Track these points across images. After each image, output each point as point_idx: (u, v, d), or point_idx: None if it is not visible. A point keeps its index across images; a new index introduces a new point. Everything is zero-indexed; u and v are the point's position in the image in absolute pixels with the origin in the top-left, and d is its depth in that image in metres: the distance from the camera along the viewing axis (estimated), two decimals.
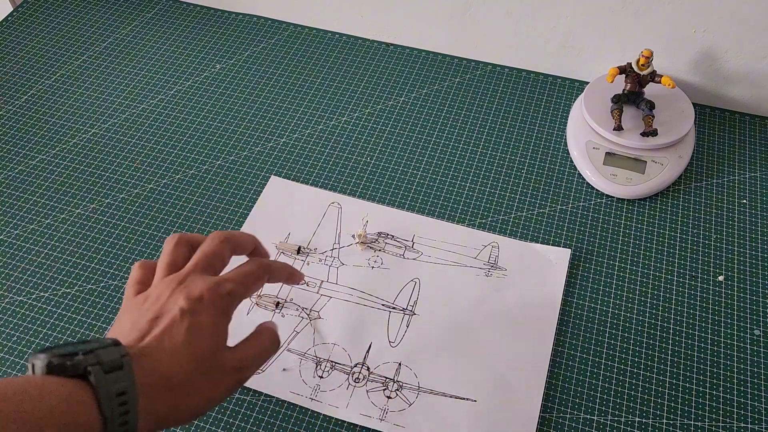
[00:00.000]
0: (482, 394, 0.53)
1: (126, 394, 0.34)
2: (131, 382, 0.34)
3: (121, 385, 0.34)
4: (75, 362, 0.33)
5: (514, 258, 0.62)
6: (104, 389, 0.33)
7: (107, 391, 0.33)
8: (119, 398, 0.34)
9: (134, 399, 0.34)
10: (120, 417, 0.34)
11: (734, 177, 0.68)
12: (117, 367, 0.34)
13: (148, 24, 0.86)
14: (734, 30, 0.67)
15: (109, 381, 0.34)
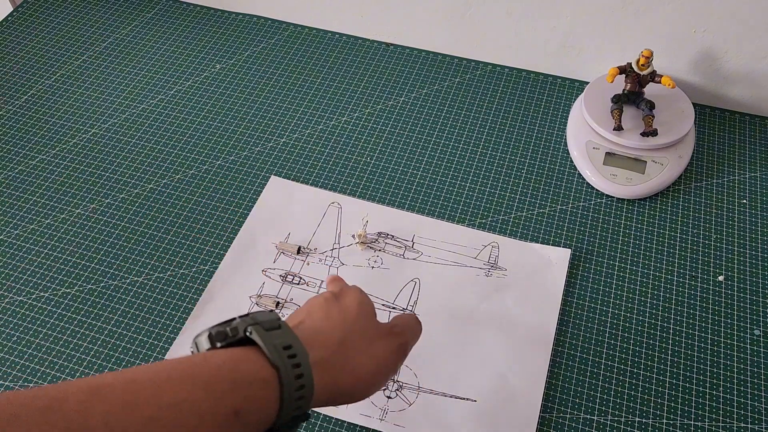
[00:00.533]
0: (482, 394, 0.53)
1: (292, 347, 0.33)
2: (294, 337, 0.34)
3: (284, 340, 0.33)
4: (233, 326, 0.33)
5: (514, 258, 0.62)
6: (268, 342, 0.33)
7: (272, 345, 0.33)
8: (286, 351, 0.33)
9: (303, 353, 0.34)
10: (293, 369, 0.33)
11: (734, 177, 0.68)
12: (275, 327, 0.34)
13: (148, 24, 0.86)
14: (734, 30, 0.67)
15: (272, 336, 0.33)
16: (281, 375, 0.32)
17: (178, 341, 0.57)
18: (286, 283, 0.60)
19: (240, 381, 0.31)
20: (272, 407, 0.32)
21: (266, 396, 0.32)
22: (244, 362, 0.32)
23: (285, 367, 0.32)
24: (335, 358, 0.36)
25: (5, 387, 0.55)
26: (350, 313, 0.40)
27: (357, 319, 0.39)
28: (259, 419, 0.32)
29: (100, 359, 0.57)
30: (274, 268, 0.61)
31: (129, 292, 0.61)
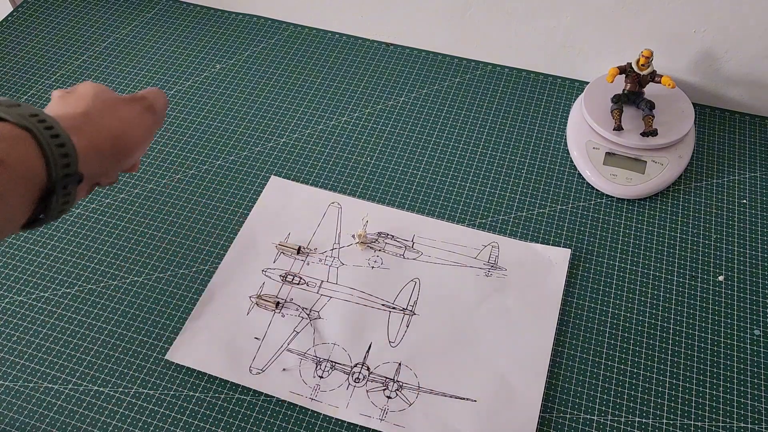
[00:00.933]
0: (482, 394, 0.53)
1: (38, 116, 0.34)
2: (38, 109, 0.35)
3: (28, 110, 0.34)
4: None
5: (514, 258, 0.62)
6: (13, 114, 0.33)
7: (17, 114, 0.33)
8: (34, 118, 0.34)
9: (51, 118, 0.35)
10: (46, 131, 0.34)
11: (734, 177, 0.68)
12: (15, 104, 0.34)
13: (148, 24, 0.86)
14: (734, 30, 0.67)
15: (16, 109, 0.34)
16: (34, 133, 0.33)
17: (178, 341, 0.57)
18: (286, 283, 0.60)
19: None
20: (37, 161, 0.33)
21: (26, 149, 0.33)
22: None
23: (36, 128, 0.33)
24: (84, 124, 0.38)
25: (5, 387, 0.55)
26: (87, 95, 0.41)
27: (95, 97, 0.41)
28: (27, 170, 0.33)
29: (100, 359, 0.57)
30: (274, 268, 0.61)
31: (129, 292, 0.61)
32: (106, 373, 0.56)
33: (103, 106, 0.42)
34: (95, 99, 0.42)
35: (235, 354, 0.56)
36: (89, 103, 0.41)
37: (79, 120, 0.39)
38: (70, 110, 0.40)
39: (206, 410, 0.53)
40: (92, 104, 0.41)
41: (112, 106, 0.42)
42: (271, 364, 0.55)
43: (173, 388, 0.55)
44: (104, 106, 0.42)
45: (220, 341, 0.57)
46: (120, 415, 0.53)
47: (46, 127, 0.34)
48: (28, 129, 0.33)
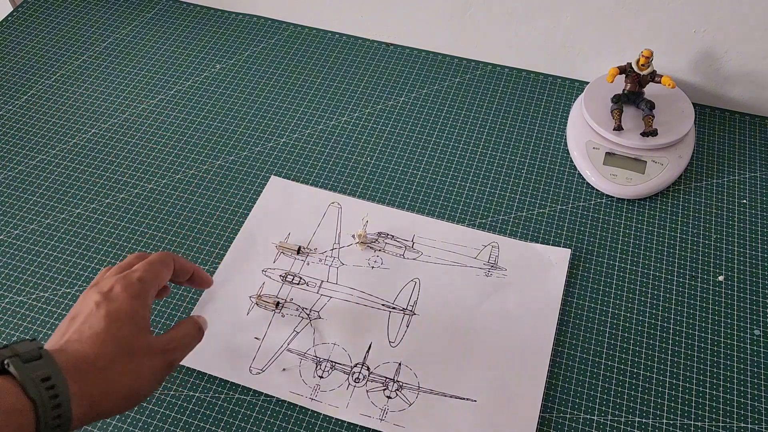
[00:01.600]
0: (482, 394, 0.53)
1: (51, 379, 0.35)
2: (55, 368, 0.35)
3: (43, 372, 0.35)
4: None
5: (514, 258, 0.62)
6: (26, 375, 0.34)
7: (29, 377, 0.34)
8: (45, 383, 0.34)
9: (62, 383, 0.35)
10: (50, 401, 0.34)
11: (734, 177, 0.68)
12: (35, 357, 0.35)
13: (148, 24, 0.86)
14: (734, 30, 0.67)
15: (29, 368, 0.34)
16: (37, 408, 0.33)
17: None
18: (286, 283, 0.60)
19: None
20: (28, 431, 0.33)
21: (21, 425, 0.33)
22: (0, 394, 0.33)
23: (41, 400, 0.34)
24: (96, 386, 0.37)
25: None
26: (118, 325, 0.40)
27: (124, 335, 0.40)
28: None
29: None
30: (274, 268, 0.61)
31: None
32: None
33: (126, 356, 0.39)
34: (122, 340, 0.39)
35: (235, 354, 0.56)
36: (114, 346, 0.39)
37: (93, 380, 0.37)
38: (91, 354, 0.38)
39: (206, 410, 0.53)
40: (116, 350, 0.39)
41: (135, 358, 0.40)
42: (271, 364, 0.55)
43: (173, 388, 0.55)
44: (128, 356, 0.39)
45: (220, 341, 0.57)
46: (120, 414, 0.53)
47: (52, 396, 0.34)
48: (33, 400, 0.34)
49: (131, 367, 0.40)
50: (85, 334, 0.39)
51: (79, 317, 0.41)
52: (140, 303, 0.42)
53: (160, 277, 0.46)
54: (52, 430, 0.34)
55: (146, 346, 0.41)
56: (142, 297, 0.43)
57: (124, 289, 0.42)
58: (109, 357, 0.38)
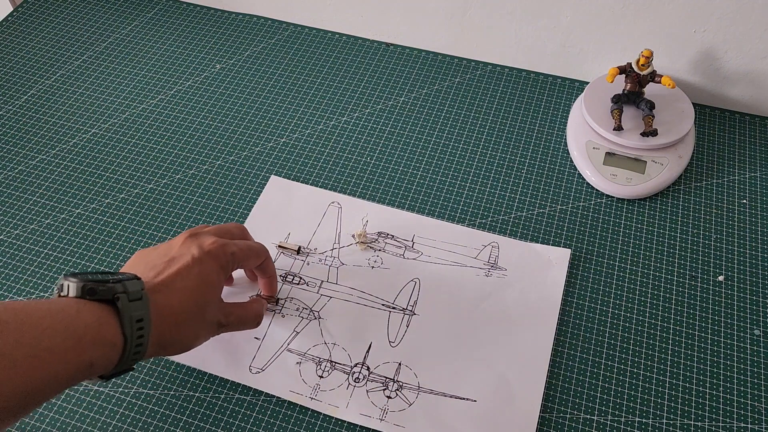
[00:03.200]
0: (482, 394, 0.53)
1: (143, 321, 0.41)
2: (147, 312, 0.41)
3: (139, 313, 0.41)
4: (107, 288, 0.40)
5: (514, 258, 0.62)
6: (128, 314, 0.40)
7: (130, 316, 0.40)
8: (138, 323, 0.40)
9: (149, 326, 0.41)
10: (137, 339, 0.41)
11: (734, 177, 0.68)
12: (137, 298, 0.41)
13: (148, 24, 0.86)
14: (734, 30, 0.67)
15: (132, 308, 0.40)
16: (127, 344, 0.40)
17: None
18: (286, 283, 0.60)
19: (99, 341, 0.39)
20: (113, 363, 0.40)
21: (113, 355, 0.40)
22: (105, 326, 0.39)
23: (132, 339, 0.40)
24: (168, 335, 0.43)
25: None
26: (204, 288, 0.45)
27: (203, 299, 0.45)
28: (101, 369, 0.40)
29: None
30: None
31: None
32: None
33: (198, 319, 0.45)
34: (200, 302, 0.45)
35: (235, 354, 0.56)
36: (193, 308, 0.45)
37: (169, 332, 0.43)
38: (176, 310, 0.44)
39: (206, 410, 0.53)
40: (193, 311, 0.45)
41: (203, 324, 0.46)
42: (271, 363, 0.55)
43: (173, 388, 0.55)
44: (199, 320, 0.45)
45: (220, 341, 0.57)
46: (120, 415, 0.53)
47: (139, 336, 0.41)
48: (126, 337, 0.40)
49: (196, 326, 0.45)
50: (176, 285, 0.44)
51: (176, 263, 0.45)
52: (224, 274, 0.48)
53: (249, 261, 0.51)
54: (128, 362, 0.41)
55: (213, 314, 0.47)
56: (227, 269, 0.48)
57: (217, 257, 0.47)
58: (186, 314, 0.44)
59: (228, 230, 0.52)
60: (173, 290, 0.44)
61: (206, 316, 0.46)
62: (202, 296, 0.45)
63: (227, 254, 0.48)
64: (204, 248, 0.47)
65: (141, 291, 0.41)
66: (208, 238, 0.48)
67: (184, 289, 0.44)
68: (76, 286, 0.40)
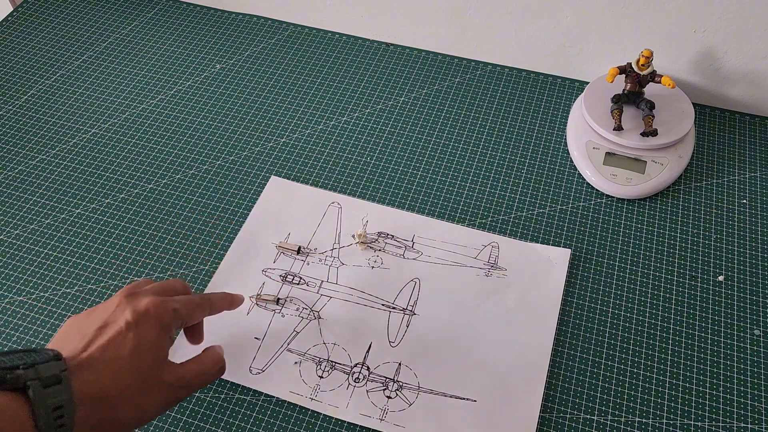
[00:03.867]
0: (482, 394, 0.53)
1: (62, 408, 0.35)
2: (69, 397, 0.36)
3: (58, 399, 0.35)
4: (15, 376, 0.35)
5: (514, 258, 0.62)
6: (41, 403, 0.34)
7: (44, 405, 0.35)
8: (55, 412, 0.35)
9: (71, 412, 0.36)
10: (56, 430, 0.35)
11: (734, 177, 0.68)
12: (56, 381, 0.35)
13: (148, 24, 0.86)
14: (734, 30, 0.67)
15: (47, 395, 0.35)
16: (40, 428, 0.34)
17: (178, 341, 0.57)
18: (286, 283, 0.60)
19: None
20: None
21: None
22: (12, 420, 0.34)
23: (48, 428, 0.35)
24: (103, 414, 0.38)
25: None
26: (141, 355, 0.40)
27: (143, 367, 0.40)
28: None
29: None
30: (274, 268, 0.61)
31: None
32: None
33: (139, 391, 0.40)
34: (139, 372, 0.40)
35: (235, 354, 0.56)
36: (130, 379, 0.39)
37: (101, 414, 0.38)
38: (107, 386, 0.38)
39: (206, 410, 0.53)
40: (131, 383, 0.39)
41: (147, 391, 0.40)
42: (271, 364, 0.55)
43: None
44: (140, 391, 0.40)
45: (220, 341, 0.56)
46: None
47: (60, 425, 0.35)
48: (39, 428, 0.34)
49: (140, 400, 0.40)
50: (107, 357, 0.39)
51: (107, 331, 0.40)
52: (166, 334, 0.43)
53: (194, 317, 0.46)
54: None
55: (159, 381, 0.41)
56: (169, 329, 0.43)
57: (156, 317, 0.42)
58: (123, 389, 0.39)
59: (170, 287, 0.47)
60: (103, 364, 0.38)
61: (150, 386, 0.41)
62: (140, 364, 0.40)
63: (168, 311, 0.43)
64: (139, 310, 0.42)
65: (60, 373, 0.36)
66: (144, 298, 0.43)
67: (117, 360, 0.39)
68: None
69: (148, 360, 0.40)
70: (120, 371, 0.39)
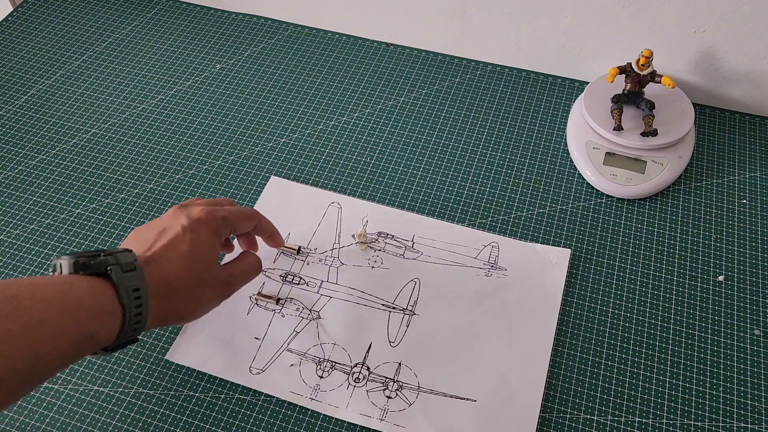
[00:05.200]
0: (482, 394, 0.53)
1: (139, 290, 0.41)
2: (143, 281, 0.41)
3: (135, 283, 0.41)
4: (98, 261, 0.40)
5: (514, 258, 0.62)
6: (123, 284, 0.40)
7: (125, 286, 0.40)
8: (134, 293, 0.41)
9: (146, 295, 0.41)
10: (136, 308, 0.41)
11: (734, 177, 0.68)
12: (131, 268, 0.41)
13: (148, 24, 0.86)
14: (734, 30, 0.67)
15: (126, 278, 0.40)
16: (126, 313, 0.40)
17: (178, 341, 0.57)
18: (286, 283, 0.60)
19: (97, 312, 0.39)
20: (114, 333, 0.40)
21: (113, 325, 0.40)
22: (101, 296, 0.39)
23: (130, 308, 0.40)
24: (168, 303, 0.44)
25: None
26: (197, 254, 0.45)
27: (199, 265, 0.45)
28: (101, 341, 0.40)
29: (100, 358, 0.57)
30: (274, 268, 0.61)
31: None
32: (106, 373, 0.56)
33: (196, 284, 0.45)
34: (196, 267, 0.45)
35: (235, 354, 0.56)
36: (189, 274, 0.44)
37: (168, 300, 0.43)
38: (171, 278, 0.44)
39: (206, 410, 0.53)
40: (190, 278, 0.45)
41: (203, 286, 0.46)
42: (271, 364, 0.55)
43: (173, 388, 0.55)
44: (197, 284, 0.45)
45: (220, 341, 0.57)
46: (120, 415, 0.53)
47: (137, 305, 0.41)
48: (124, 306, 0.40)
49: (197, 292, 0.45)
50: (169, 255, 0.44)
51: (166, 234, 0.45)
52: (218, 239, 0.48)
53: (242, 225, 0.51)
54: (131, 332, 0.41)
55: (213, 277, 0.47)
56: (220, 234, 0.48)
57: (207, 223, 0.47)
58: (183, 281, 0.44)
59: (218, 202, 0.52)
60: (166, 260, 0.44)
61: (206, 280, 0.46)
62: (197, 262, 0.45)
63: (217, 219, 0.48)
64: (193, 217, 0.47)
65: (134, 262, 0.41)
66: (196, 207, 0.48)
67: (178, 258, 0.44)
68: (68, 263, 0.40)
69: (203, 258, 0.45)
70: (180, 266, 0.44)
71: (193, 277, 0.45)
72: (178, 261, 0.44)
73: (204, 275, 0.46)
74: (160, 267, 0.43)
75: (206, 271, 0.46)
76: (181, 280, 0.44)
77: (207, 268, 0.46)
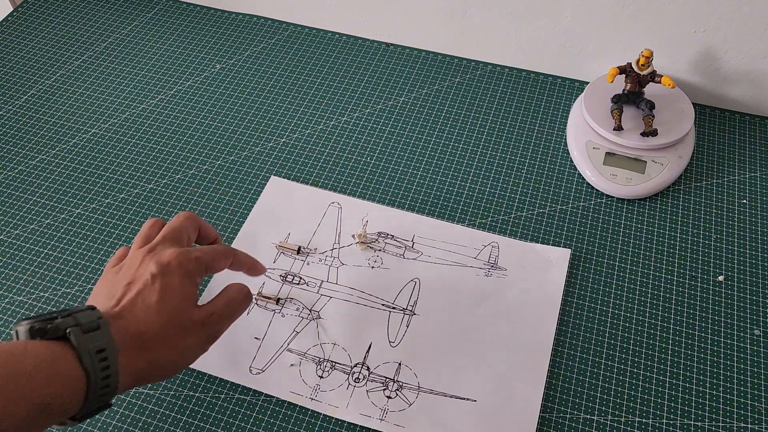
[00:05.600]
0: (482, 394, 0.53)
1: (105, 351, 0.38)
2: (109, 340, 0.38)
3: (99, 343, 0.38)
4: (55, 325, 0.37)
5: (514, 258, 0.62)
6: (83, 346, 0.37)
7: (86, 348, 0.37)
8: (99, 354, 0.37)
9: (114, 355, 0.38)
10: (102, 371, 0.37)
11: (734, 177, 0.68)
12: (94, 328, 0.38)
13: (148, 24, 0.86)
14: (734, 30, 0.67)
15: (87, 339, 0.37)
16: (90, 378, 0.37)
17: None
18: (286, 283, 0.60)
19: (53, 377, 0.36)
20: (78, 400, 0.37)
21: (75, 392, 0.37)
22: (60, 360, 0.36)
23: (95, 371, 0.37)
24: (143, 359, 0.40)
25: None
26: (168, 302, 0.42)
27: (172, 312, 0.42)
28: (64, 410, 0.36)
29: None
30: (274, 268, 0.61)
31: None
32: None
33: (174, 332, 0.42)
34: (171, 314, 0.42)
35: (235, 354, 0.56)
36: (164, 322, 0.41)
37: (141, 356, 0.40)
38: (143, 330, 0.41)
39: (206, 410, 0.53)
40: (165, 326, 0.42)
41: (181, 333, 0.43)
42: (271, 364, 0.55)
43: (173, 388, 0.55)
44: (175, 332, 0.42)
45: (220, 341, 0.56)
46: (120, 415, 0.53)
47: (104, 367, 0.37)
48: (87, 371, 0.37)
49: (176, 341, 0.42)
50: (138, 307, 0.41)
51: (135, 285, 0.43)
52: (191, 282, 0.45)
53: (216, 264, 0.48)
54: (99, 396, 0.38)
55: (191, 322, 0.43)
56: (194, 276, 0.45)
57: (180, 266, 0.44)
58: (157, 333, 0.41)
59: (183, 229, 0.48)
60: (135, 313, 0.41)
61: (182, 327, 0.43)
62: (169, 310, 0.42)
63: (191, 260, 0.45)
64: (163, 262, 0.44)
65: (97, 320, 0.38)
66: (167, 251, 0.45)
67: (147, 309, 0.41)
68: (24, 330, 0.37)
69: (174, 302, 0.42)
70: (150, 318, 0.41)
71: (167, 326, 0.42)
72: (147, 312, 0.41)
73: (178, 322, 0.42)
74: (129, 321, 0.41)
75: (181, 318, 0.43)
76: (153, 332, 0.41)
77: (181, 311, 0.43)
